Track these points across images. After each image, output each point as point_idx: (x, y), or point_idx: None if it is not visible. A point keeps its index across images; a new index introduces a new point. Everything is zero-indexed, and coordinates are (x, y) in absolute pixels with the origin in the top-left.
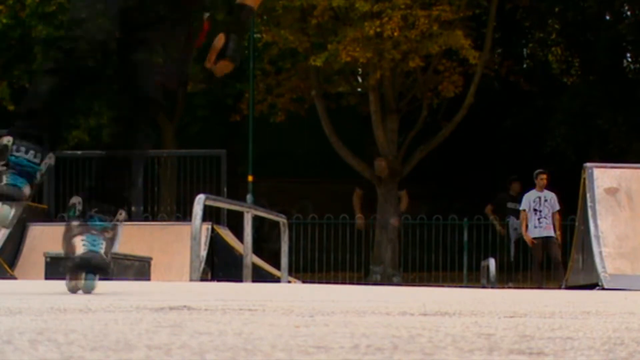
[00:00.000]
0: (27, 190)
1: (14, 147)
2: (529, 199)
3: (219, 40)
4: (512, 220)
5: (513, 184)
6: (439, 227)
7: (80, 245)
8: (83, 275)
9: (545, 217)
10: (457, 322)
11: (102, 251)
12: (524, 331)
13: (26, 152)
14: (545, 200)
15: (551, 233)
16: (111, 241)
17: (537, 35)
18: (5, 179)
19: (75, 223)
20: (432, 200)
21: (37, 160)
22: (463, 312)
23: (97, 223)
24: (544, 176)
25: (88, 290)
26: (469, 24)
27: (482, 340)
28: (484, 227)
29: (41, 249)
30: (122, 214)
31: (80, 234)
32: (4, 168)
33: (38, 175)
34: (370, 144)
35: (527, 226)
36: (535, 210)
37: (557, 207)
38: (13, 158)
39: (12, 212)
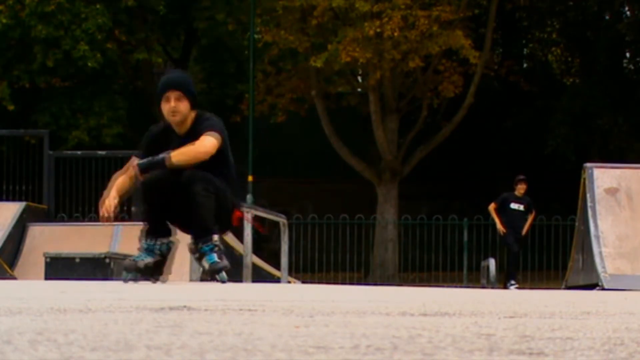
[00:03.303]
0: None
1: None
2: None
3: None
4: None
5: (519, 184)
6: (439, 227)
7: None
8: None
9: None
10: (457, 322)
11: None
12: (524, 331)
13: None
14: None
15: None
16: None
17: (537, 35)
18: (134, 256)
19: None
20: (432, 200)
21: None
22: (463, 312)
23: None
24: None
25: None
26: (469, 24)
27: (482, 341)
28: (484, 227)
29: (41, 249)
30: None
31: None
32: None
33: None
34: (371, 144)
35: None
36: None
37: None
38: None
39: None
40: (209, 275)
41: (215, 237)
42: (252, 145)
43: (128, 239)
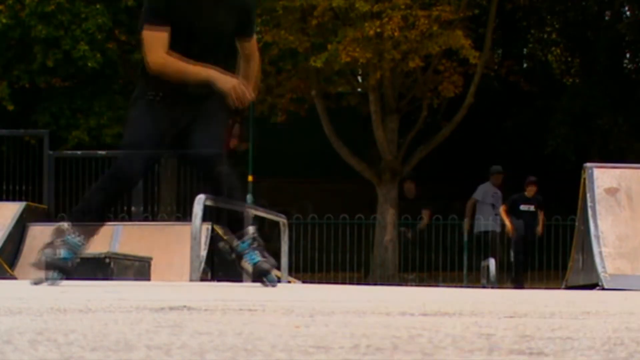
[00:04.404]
0: (73, 262)
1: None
2: (488, 192)
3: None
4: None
5: (529, 186)
6: (439, 227)
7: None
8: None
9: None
10: (457, 322)
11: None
12: (524, 331)
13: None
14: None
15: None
16: None
17: (537, 35)
18: (60, 254)
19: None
20: (432, 200)
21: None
22: (463, 312)
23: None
24: (500, 175)
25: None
26: (469, 24)
27: (482, 340)
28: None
29: None
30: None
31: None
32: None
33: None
34: (371, 144)
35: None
36: (492, 205)
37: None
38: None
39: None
40: (254, 278)
41: (251, 229)
42: (252, 145)
43: (128, 239)
